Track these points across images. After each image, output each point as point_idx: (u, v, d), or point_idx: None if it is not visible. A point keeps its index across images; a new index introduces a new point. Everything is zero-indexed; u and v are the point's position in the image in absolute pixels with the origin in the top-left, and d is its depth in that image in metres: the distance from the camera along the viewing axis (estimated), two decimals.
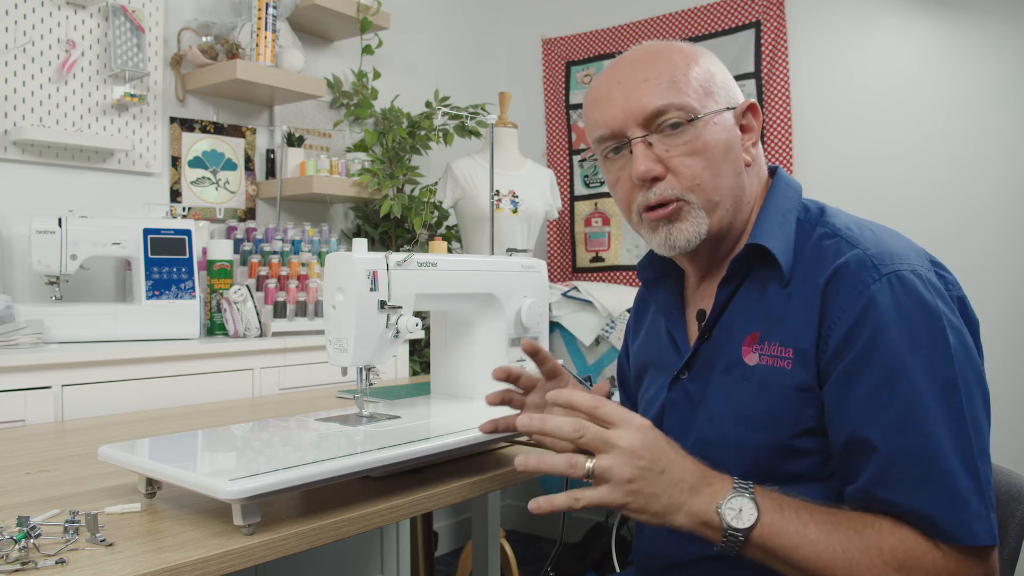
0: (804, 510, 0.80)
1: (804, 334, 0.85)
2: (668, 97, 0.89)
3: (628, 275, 3.37)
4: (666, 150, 0.90)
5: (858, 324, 0.81)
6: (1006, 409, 2.55)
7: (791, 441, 0.87)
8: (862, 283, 0.82)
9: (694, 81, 0.91)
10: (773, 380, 0.88)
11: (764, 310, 0.91)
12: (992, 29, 2.59)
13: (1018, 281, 2.55)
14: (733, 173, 0.92)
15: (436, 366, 1.40)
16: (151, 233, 2.05)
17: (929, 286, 0.82)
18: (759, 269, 0.93)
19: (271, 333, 2.16)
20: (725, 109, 0.92)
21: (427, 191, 2.83)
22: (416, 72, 3.34)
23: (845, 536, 0.78)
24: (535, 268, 1.39)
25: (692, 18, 3.19)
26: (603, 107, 0.94)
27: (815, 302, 0.85)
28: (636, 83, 0.91)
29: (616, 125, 0.92)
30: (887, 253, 0.84)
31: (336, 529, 0.91)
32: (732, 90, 0.95)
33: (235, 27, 2.51)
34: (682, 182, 0.90)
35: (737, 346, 0.92)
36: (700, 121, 0.90)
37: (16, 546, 0.76)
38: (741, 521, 0.77)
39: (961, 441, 0.77)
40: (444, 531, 3.27)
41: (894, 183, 2.77)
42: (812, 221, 0.92)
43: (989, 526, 0.76)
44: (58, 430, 1.50)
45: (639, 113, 0.90)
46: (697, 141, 0.90)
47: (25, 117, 2.13)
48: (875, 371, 0.80)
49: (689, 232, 0.92)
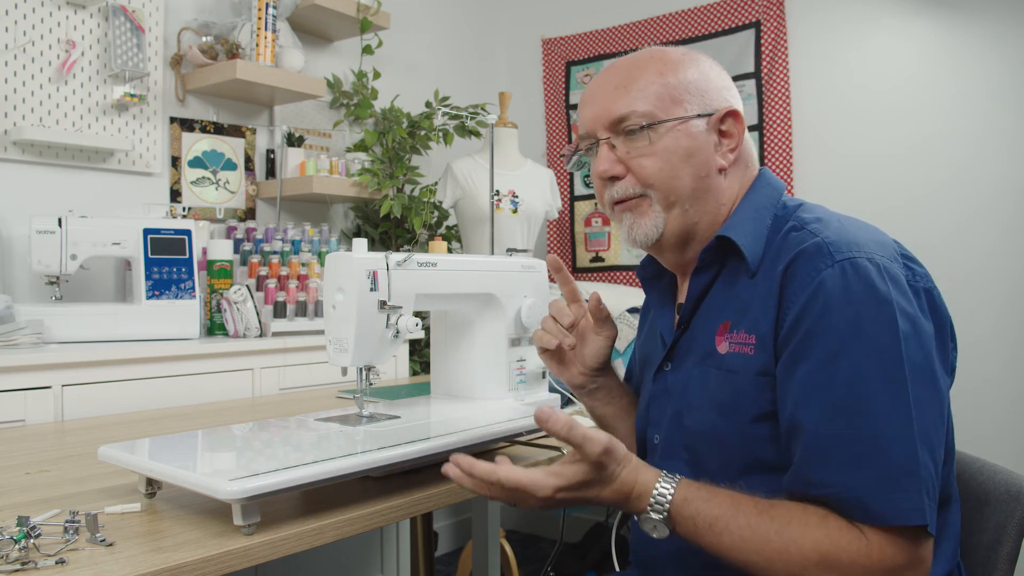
0: (723, 520, 0.82)
1: (764, 319, 0.88)
2: (631, 105, 0.96)
3: (628, 275, 3.37)
4: (627, 152, 0.97)
5: (806, 307, 0.83)
6: (1006, 409, 2.55)
7: (748, 426, 0.89)
8: (815, 269, 0.84)
9: (663, 90, 0.96)
10: (739, 366, 0.91)
11: (734, 300, 0.94)
12: (992, 29, 2.59)
13: (1018, 281, 2.55)
14: (693, 176, 0.96)
15: (436, 366, 1.40)
16: (151, 233, 2.05)
17: (884, 274, 0.82)
18: (731, 262, 0.96)
19: (271, 333, 2.16)
20: (695, 116, 0.96)
21: (427, 191, 2.83)
22: (416, 72, 3.34)
23: (764, 539, 0.79)
24: (535, 268, 1.39)
25: (692, 18, 3.19)
26: (583, 109, 1.02)
27: (775, 289, 0.88)
28: (610, 90, 0.99)
29: (588, 127, 1.01)
30: (845, 241, 0.85)
31: (336, 529, 0.91)
32: (712, 96, 0.98)
33: (235, 27, 2.51)
34: (639, 181, 0.97)
35: (711, 336, 0.95)
36: (661, 127, 0.95)
37: (16, 546, 0.76)
38: (657, 533, 0.85)
39: (899, 424, 0.77)
40: (444, 531, 3.27)
41: (894, 183, 2.77)
42: (786, 216, 0.95)
43: (918, 505, 0.76)
44: (58, 430, 1.50)
45: (605, 118, 0.98)
46: (655, 145, 0.96)
47: (25, 117, 2.13)
48: (816, 352, 0.81)
49: (647, 226, 0.98)
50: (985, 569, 0.94)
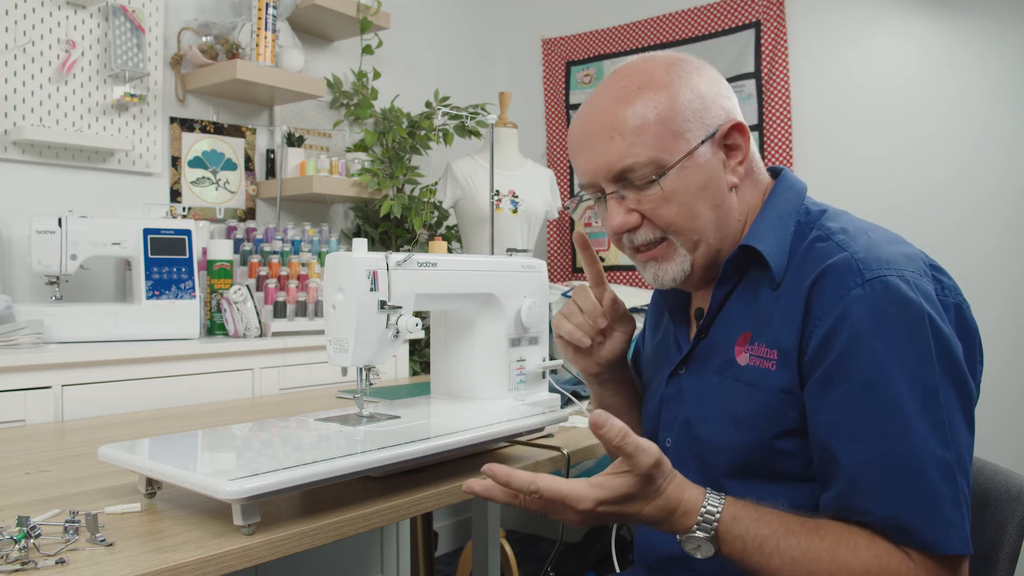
0: (772, 539, 0.79)
1: (788, 336, 0.86)
2: (633, 155, 0.89)
3: (628, 275, 3.37)
4: (638, 202, 0.92)
5: (836, 329, 0.81)
6: (1006, 409, 2.55)
7: (773, 442, 0.87)
8: (844, 287, 0.81)
9: (660, 128, 0.89)
10: (759, 381, 0.89)
11: (755, 311, 0.91)
12: (992, 29, 2.59)
13: (1018, 281, 2.55)
14: (711, 207, 0.92)
15: (436, 366, 1.40)
16: (151, 233, 2.05)
17: (916, 291, 0.80)
18: (753, 270, 0.93)
19: (271, 333, 2.16)
20: (700, 144, 0.90)
21: (427, 191, 2.83)
22: (416, 72, 3.34)
23: (815, 560, 0.78)
24: (535, 268, 1.39)
25: (692, 18, 3.19)
26: (579, 157, 0.96)
27: (800, 304, 0.85)
28: (604, 137, 0.91)
29: (590, 178, 0.95)
30: (875, 258, 0.82)
31: (336, 529, 0.91)
32: (711, 112, 0.92)
33: (235, 27, 2.51)
34: (657, 227, 0.93)
35: (731, 346, 0.93)
36: (671, 171, 0.90)
37: (16, 546, 0.76)
38: (700, 553, 0.81)
39: (940, 449, 0.76)
40: (444, 531, 3.27)
41: (894, 183, 2.76)
42: (810, 223, 0.92)
43: (963, 535, 0.75)
44: (58, 430, 1.50)
45: (606, 171, 0.92)
46: (668, 191, 0.90)
47: (25, 117, 2.13)
48: (852, 378, 0.79)
49: (674, 271, 0.95)
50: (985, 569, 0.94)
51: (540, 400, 1.36)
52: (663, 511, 0.81)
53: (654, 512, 0.81)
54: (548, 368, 1.40)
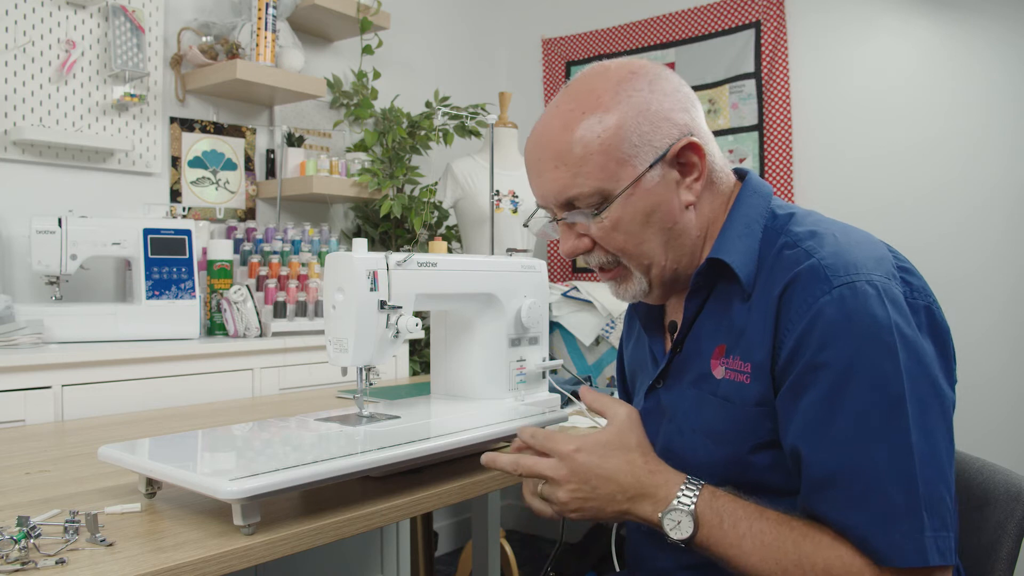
0: (746, 520, 0.81)
1: (760, 348, 0.86)
2: (578, 185, 0.90)
3: None
4: (587, 228, 0.94)
5: (805, 337, 0.80)
6: (1006, 409, 2.55)
7: (750, 455, 0.87)
8: (812, 296, 0.81)
9: (605, 157, 0.88)
10: (734, 395, 0.88)
11: (728, 323, 0.91)
12: (992, 29, 2.59)
13: (1018, 281, 2.55)
14: (659, 231, 0.92)
15: (436, 366, 1.40)
16: (151, 233, 2.05)
17: (885, 297, 0.79)
18: (722, 282, 0.92)
19: (271, 333, 2.16)
20: (648, 169, 0.89)
21: (427, 191, 2.83)
22: (416, 72, 3.34)
23: (781, 549, 0.79)
24: (535, 268, 1.39)
25: (692, 18, 3.19)
26: (531, 180, 0.97)
27: (771, 315, 0.85)
28: (550, 165, 0.92)
29: (542, 202, 0.97)
30: (843, 263, 0.81)
31: (336, 529, 0.91)
32: (661, 131, 0.89)
33: (235, 27, 2.51)
34: (607, 251, 0.95)
35: (706, 359, 0.93)
36: (615, 202, 0.89)
37: (16, 546, 0.76)
38: (680, 532, 0.82)
39: (899, 459, 0.75)
40: (444, 531, 3.27)
41: (894, 183, 2.76)
42: (777, 229, 0.91)
43: (919, 546, 0.74)
44: (58, 430, 1.50)
45: (554, 199, 0.93)
46: (614, 219, 0.91)
47: (25, 117, 2.13)
48: (818, 386, 0.79)
49: (634, 289, 0.97)
50: (985, 569, 0.94)
51: (540, 400, 1.36)
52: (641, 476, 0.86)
53: (632, 480, 0.85)
54: (548, 368, 1.40)
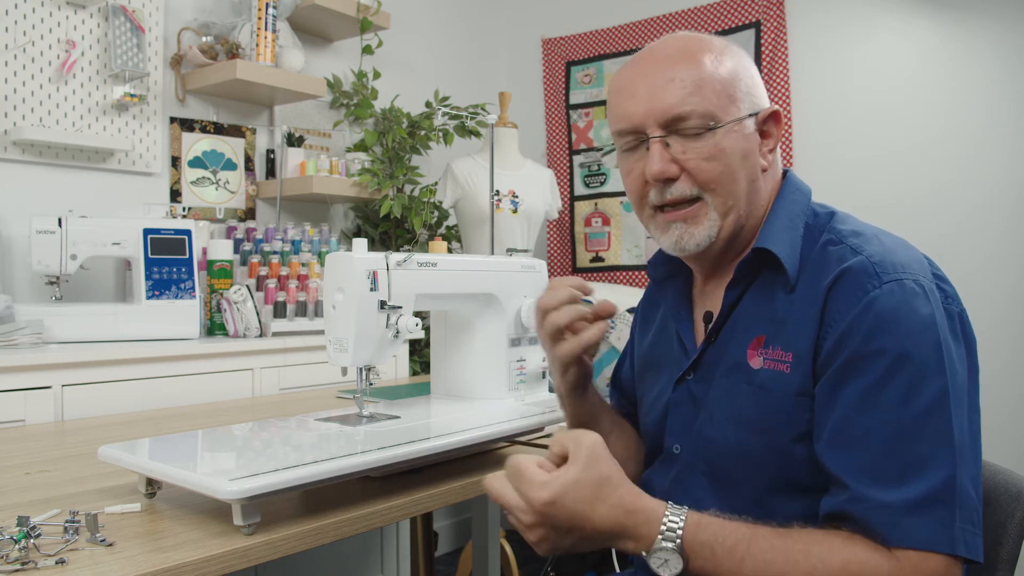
0: (743, 543, 0.77)
1: (804, 338, 0.86)
2: (692, 103, 0.89)
3: (628, 275, 3.37)
4: (683, 152, 0.90)
5: (854, 327, 0.81)
6: (1006, 409, 2.55)
7: (788, 446, 0.86)
8: (862, 289, 0.82)
9: (720, 86, 0.90)
10: (773, 384, 0.88)
11: (769, 314, 0.91)
12: (992, 29, 2.59)
13: (1018, 281, 2.55)
14: (748, 179, 0.92)
15: (436, 366, 1.40)
16: (151, 233, 2.05)
17: (930, 297, 0.82)
18: (765, 273, 0.93)
19: (271, 333, 2.16)
20: (747, 116, 0.92)
21: (427, 191, 2.83)
22: (416, 72, 3.34)
23: (790, 561, 0.76)
24: (535, 268, 1.39)
25: (692, 18, 3.19)
26: (626, 100, 0.93)
27: (817, 307, 0.85)
28: (662, 82, 0.90)
29: (637, 121, 0.92)
30: (890, 262, 0.83)
31: (336, 529, 0.91)
32: (757, 94, 0.94)
33: (235, 27, 2.51)
34: (696, 183, 0.91)
35: (742, 349, 0.92)
36: (721, 129, 0.90)
37: (16, 546, 0.76)
38: (668, 570, 0.78)
39: (941, 449, 0.76)
40: (444, 531, 3.27)
41: (894, 183, 2.77)
42: (820, 226, 0.92)
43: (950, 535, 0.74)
44: (58, 430, 1.50)
45: (661, 114, 0.90)
46: (716, 147, 0.90)
47: (25, 117, 2.13)
48: (868, 374, 0.80)
49: (700, 236, 0.93)
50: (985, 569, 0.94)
51: (540, 400, 1.36)
52: (619, 512, 0.78)
53: (610, 523, 0.78)
54: (548, 368, 1.40)
